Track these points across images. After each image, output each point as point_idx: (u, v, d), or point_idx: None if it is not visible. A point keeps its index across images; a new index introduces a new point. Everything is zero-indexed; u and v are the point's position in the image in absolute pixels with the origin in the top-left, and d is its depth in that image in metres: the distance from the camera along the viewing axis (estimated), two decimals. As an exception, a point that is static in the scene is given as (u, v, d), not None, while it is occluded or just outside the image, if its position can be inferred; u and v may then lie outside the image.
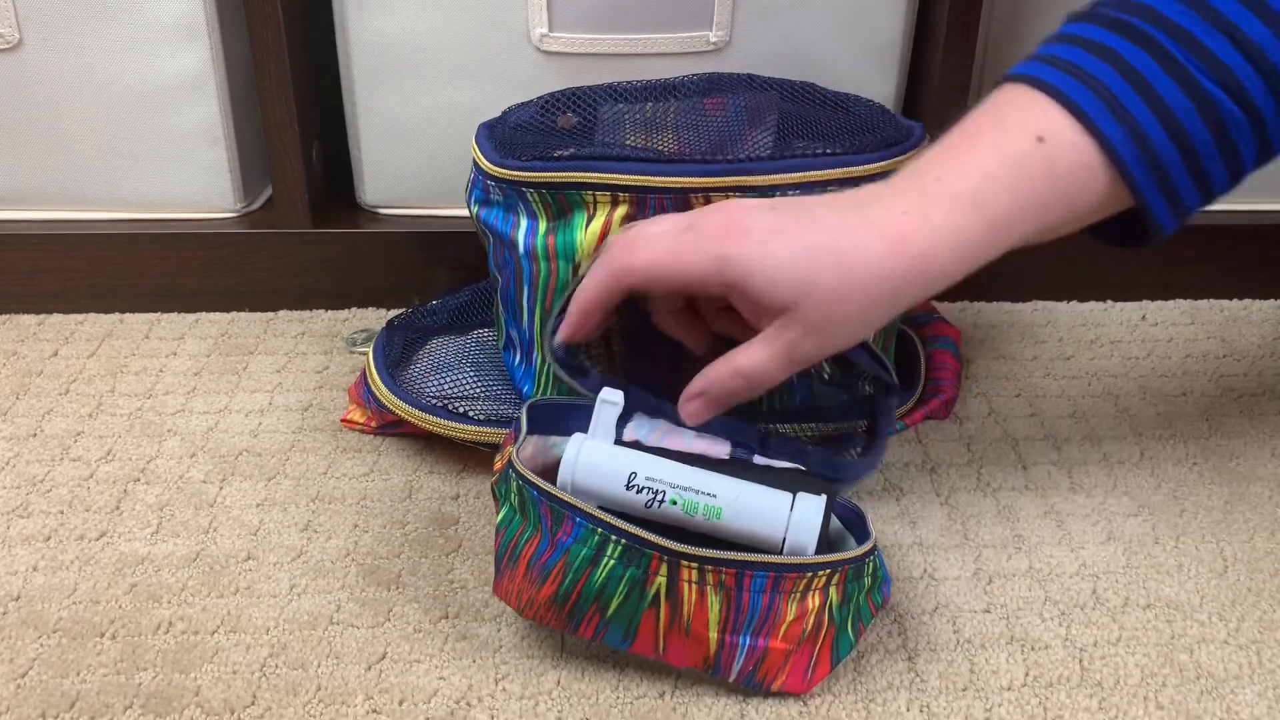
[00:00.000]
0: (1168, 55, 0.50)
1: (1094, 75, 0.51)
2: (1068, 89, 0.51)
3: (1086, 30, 0.53)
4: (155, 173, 0.81)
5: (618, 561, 0.50)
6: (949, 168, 0.51)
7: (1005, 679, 0.53)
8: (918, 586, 0.59)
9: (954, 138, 0.53)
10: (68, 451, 0.69)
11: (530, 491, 0.51)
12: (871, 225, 0.51)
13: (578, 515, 0.50)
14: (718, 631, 0.51)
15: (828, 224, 0.51)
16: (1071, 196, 0.51)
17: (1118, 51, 0.51)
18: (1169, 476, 0.68)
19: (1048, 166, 0.50)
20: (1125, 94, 0.50)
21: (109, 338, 0.81)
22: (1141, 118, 0.50)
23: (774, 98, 0.68)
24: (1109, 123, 0.50)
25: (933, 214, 0.50)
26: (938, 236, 0.50)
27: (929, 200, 0.51)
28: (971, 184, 0.51)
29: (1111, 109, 0.50)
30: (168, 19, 0.76)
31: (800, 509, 0.53)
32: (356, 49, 0.78)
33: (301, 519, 0.63)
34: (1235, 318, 0.85)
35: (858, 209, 0.52)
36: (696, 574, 0.50)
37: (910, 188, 0.52)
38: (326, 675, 0.53)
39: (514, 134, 0.65)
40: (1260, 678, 0.54)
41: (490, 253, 0.67)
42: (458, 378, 0.68)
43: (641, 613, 0.51)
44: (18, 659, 0.54)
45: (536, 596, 0.51)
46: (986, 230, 0.51)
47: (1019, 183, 0.50)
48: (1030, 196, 0.51)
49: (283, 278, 0.83)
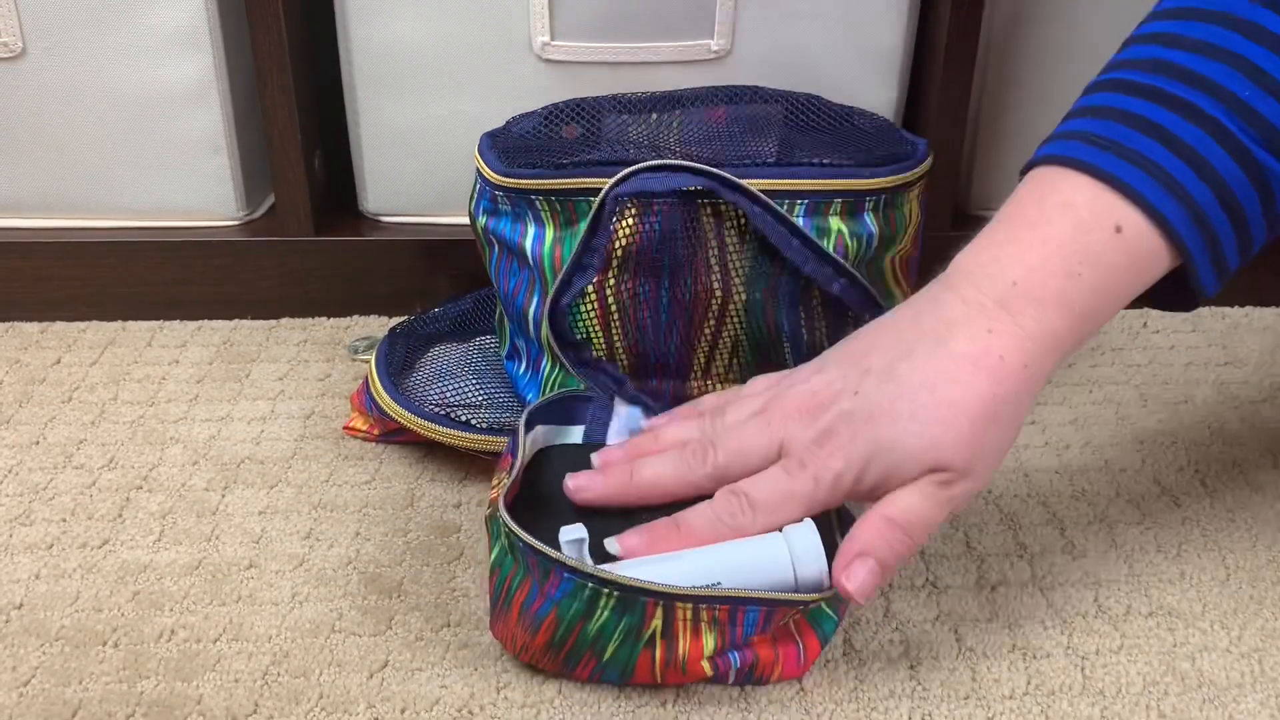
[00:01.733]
0: (1216, 125, 0.48)
1: (1146, 155, 0.49)
2: (1124, 174, 0.49)
3: (1122, 102, 0.50)
4: (158, 181, 0.82)
5: (612, 612, 0.49)
6: (1027, 269, 0.49)
7: (1007, 687, 0.53)
8: (920, 595, 0.59)
9: (1016, 227, 0.51)
10: (70, 459, 0.69)
11: (517, 542, 0.50)
12: (963, 359, 0.49)
13: (565, 570, 0.49)
14: (710, 660, 0.51)
15: (919, 382, 0.49)
16: (1144, 279, 0.50)
17: (1164, 126, 0.49)
18: (1170, 484, 0.68)
19: (1128, 258, 0.49)
20: (1181, 173, 0.48)
21: (111, 345, 0.81)
22: (1200, 196, 0.48)
23: (778, 109, 0.68)
24: (1171, 206, 0.48)
25: (1024, 324, 0.49)
26: (1033, 344, 0.49)
27: (1014, 310, 0.49)
28: (1056, 285, 0.49)
29: (1171, 190, 0.48)
30: (170, 28, 0.76)
31: (796, 543, 0.51)
32: (358, 57, 0.79)
33: (303, 527, 0.63)
34: (1237, 325, 0.85)
35: (940, 345, 0.49)
36: (691, 613, 0.49)
37: (986, 300, 0.49)
38: (328, 683, 0.53)
39: (518, 144, 0.65)
40: (1262, 686, 0.54)
41: (492, 262, 0.67)
42: (460, 385, 0.68)
43: (637, 655, 0.50)
44: (20, 667, 0.54)
45: (531, 643, 0.51)
46: (1079, 325, 0.49)
47: (1102, 276, 0.49)
48: (1114, 286, 0.49)
49: (285, 286, 0.83)
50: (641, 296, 0.61)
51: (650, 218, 0.60)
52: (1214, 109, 0.48)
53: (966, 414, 0.48)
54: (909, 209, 0.64)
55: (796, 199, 0.61)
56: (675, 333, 0.62)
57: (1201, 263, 0.50)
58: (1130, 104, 0.50)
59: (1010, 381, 0.49)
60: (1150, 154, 0.49)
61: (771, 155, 0.63)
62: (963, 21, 0.77)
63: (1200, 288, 0.51)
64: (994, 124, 0.84)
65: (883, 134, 0.67)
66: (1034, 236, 0.50)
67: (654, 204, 0.59)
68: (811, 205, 0.62)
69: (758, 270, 0.61)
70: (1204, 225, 0.49)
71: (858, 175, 0.62)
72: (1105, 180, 0.49)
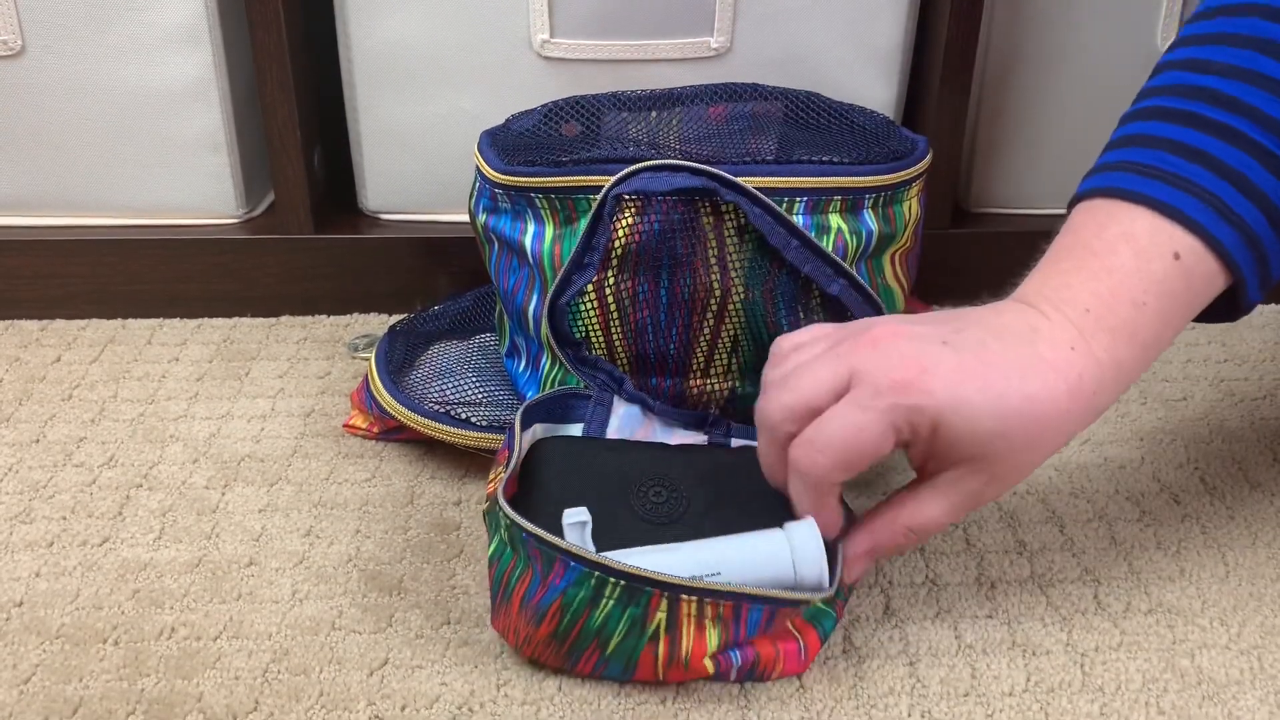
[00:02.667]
0: (1257, 146, 0.50)
1: (1197, 183, 0.50)
2: (1179, 203, 0.50)
3: (1164, 130, 0.52)
4: (157, 178, 0.82)
5: (617, 602, 0.49)
6: (1098, 299, 0.50)
7: (1007, 684, 0.54)
8: (920, 592, 0.59)
9: (1081, 257, 0.51)
10: (70, 457, 0.69)
11: (519, 531, 0.50)
12: (1049, 364, 0.48)
13: (570, 559, 0.49)
14: (713, 657, 0.51)
15: (1007, 363, 0.48)
16: (1199, 304, 0.51)
17: (1209, 152, 0.50)
18: (1170, 481, 0.68)
19: (1186, 283, 0.50)
20: (1231, 196, 0.49)
21: (111, 344, 0.81)
22: (1249, 217, 0.50)
23: (778, 107, 0.68)
24: (1224, 230, 0.49)
25: (1097, 350, 0.49)
26: (1103, 372, 0.49)
27: (1089, 335, 0.49)
28: (1125, 314, 0.49)
29: (1223, 215, 0.49)
30: (170, 25, 0.76)
31: (798, 543, 0.51)
32: (358, 54, 0.79)
33: (304, 525, 0.63)
34: (1236, 322, 0.84)
35: (1027, 342, 0.49)
36: (696, 608, 0.49)
37: (1066, 321, 0.49)
38: (329, 681, 0.53)
39: (518, 142, 0.65)
40: (1262, 683, 0.54)
41: (492, 259, 0.67)
42: (460, 383, 0.68)
43: (641, 648, 0.50)
44: (20, 665, 0.54)
45: (535, 634, 0.51)
46: (1142, 354, 0.50)
47: (1164, 305, 0.50)
48: (1175, 313, 0.50)
49: (285, 283, 0.83)
50: (641, 295, 0.61)
51: (650, 215, 0.60)
52: (1252, 130, 0.50)
53: (1041, 421, 0.48)
54: (909, 206, 0.64)
55: (796, 197, 0.61)
56: (675, 331, 0.62)
57: (1250, 280, 0.51)
58: (1172, 131, 0.51)
59: (1080, 401, 0.49)
60: (1201, 181, 0.50)
61: (771, 153, 0.63)
62: (963, 19, 0.77)
63: (1249, 303, 0.52)
64: (994, 122, 0.84)
65: (882, 132, 0.66)
66: (1099, 266, 0.50)
67: (654, 201, 0.59)
68: (811, 203, 0.62)
69: (757, 268, 0.61)
70: (1254, 245, 0.50)
71: (857, 173, 0.62)
72: (1161, 210, 0.50)
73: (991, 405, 0.47)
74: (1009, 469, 0.50)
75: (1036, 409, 0.48)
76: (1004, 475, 0.50)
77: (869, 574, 0.60)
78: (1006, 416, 0.48)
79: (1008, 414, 0.47)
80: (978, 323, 0.50)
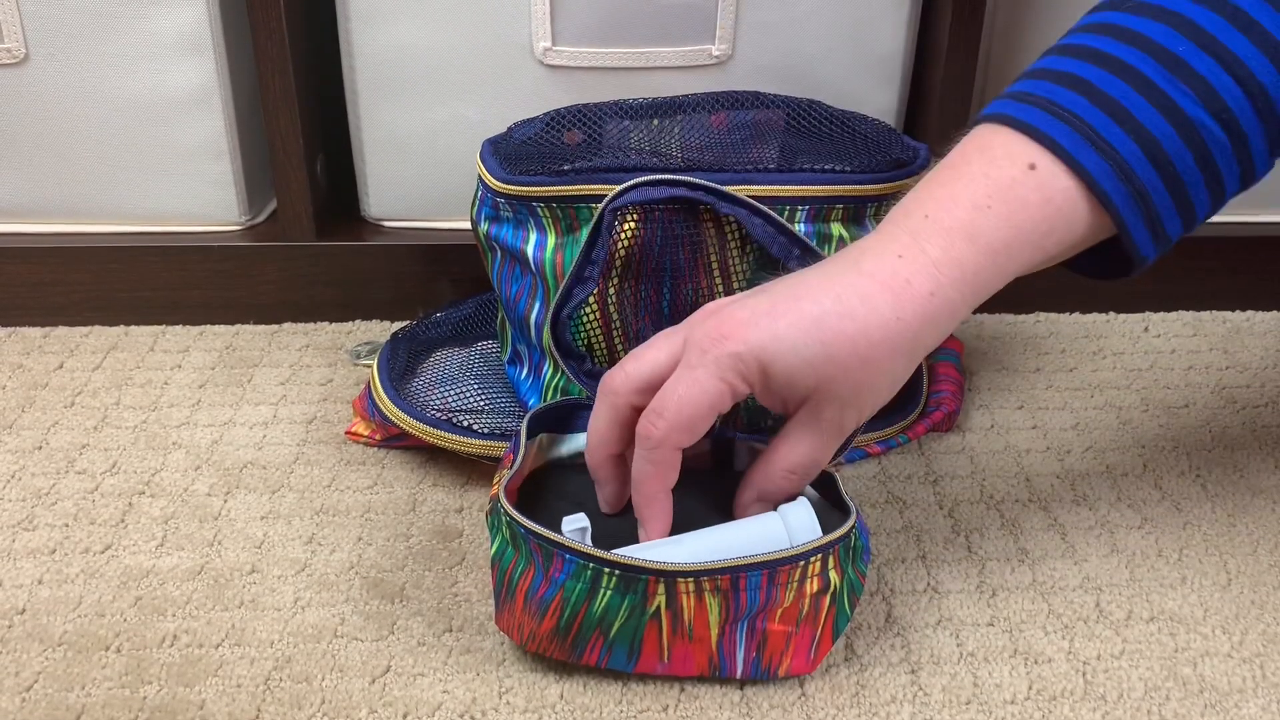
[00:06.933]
0: (1145, 80, 0.48)
1: (1067, 108, 0.49)
2: (1042, 124, 0.49)
3: (1058, 63, 0.51)
4: (160, 186, 0.82)
5: (614, 591, 0.50)
6: (938, 203, 0.50)
7: (1008, 692, 0.53)
8: (921, 600, 0.59)
9: (937, 174, 0.51)
10: (73, 464, 0.69)
11: (519, 529, 0.51)
12: (870, 277, 0.49)
13: (567, 553, 0.50)
14: (718, 628, 0.51)
15: (823, 287, 0.49)
16: (1067, 224, 0.50)
17: (1090, 81, 0.49)
18: (1172, 489, 0.68)
19: (1041, 195, 0.49)
20: (1103, 125, 0.48)
21: (114, 350, 0.81)
22: (1125, 150, 0.48)
23: (779, 115, 0.68)
24: (1087, 154, 0.48)
25: (930, 250, 0.49)
26: (940, 272, 0.49)
27: (922, 238, 0.49)
28: (964, 215, 0.49)
29: (1090, 141, 0.48)
30: (173, 33, 0.77)
31: (793, 520, 0.52)
32: (361, 62, 0.79)
33: (306, 532, 0.63)
34: (1238, 329, 0.85)
35: (849, 264, 0.50)
36: (693, 585, 0.50)
37: (899, 231, 0.50)
38: (331, 689, 0.53)
39: (520, 150, 0.65)
40: (1264, 691, 0.54)
41: (494, 267, 0.67)
42: (461, 390, 0.68)
43: (644, 627, 0.51)
44: (23, 672, 0.54)
45: (539, 629, 0.52)
46: (989, 258, 0.49)
47: (1012, 210, 0.49)
48: (1026, 223, 0.49)
49: (287, 291, 0.84)
50: (643, 303, 0.61)
51: (651, 223, 0.60)
52: (1143, 64, 0.49)
53: (865, 335, 0.49)
54: (910, 214, 0.64)
55: (798, 205, 0.61)
56: (677, 338, 0.62)
57: (1132, 221, 0.49)
58: (1064, 64, 0.51)
59: (913, 305, 0.49)
60: (1072, 107, 0.49)
61: (773, 161, 0.63)
62: (964, 26, 0.77)
63: (1134, 247, 0.50)
64: (995, 129, 0.84)
65: (884, 139, 0.67)
66: (947, 176, 0.51)
67: (654, 210, 0.60)
68: (813, 211, 0.62)
69: (759, 274, 0.61)
70: (1129, 179, 0.49)
71: (859, 181, 0.62)
72: (1021, 129, 0.50)
73: (807, 333, 0.48)
74: (853, 390, 0.50)
75: (856, 325, 0.48)
76: (852, 397, 0.50)
77: (869, 580, 0.60)
78: (827, 340, 0.48)
79: (827, 337, 0.48)
80: (813, 267, 0.52)
